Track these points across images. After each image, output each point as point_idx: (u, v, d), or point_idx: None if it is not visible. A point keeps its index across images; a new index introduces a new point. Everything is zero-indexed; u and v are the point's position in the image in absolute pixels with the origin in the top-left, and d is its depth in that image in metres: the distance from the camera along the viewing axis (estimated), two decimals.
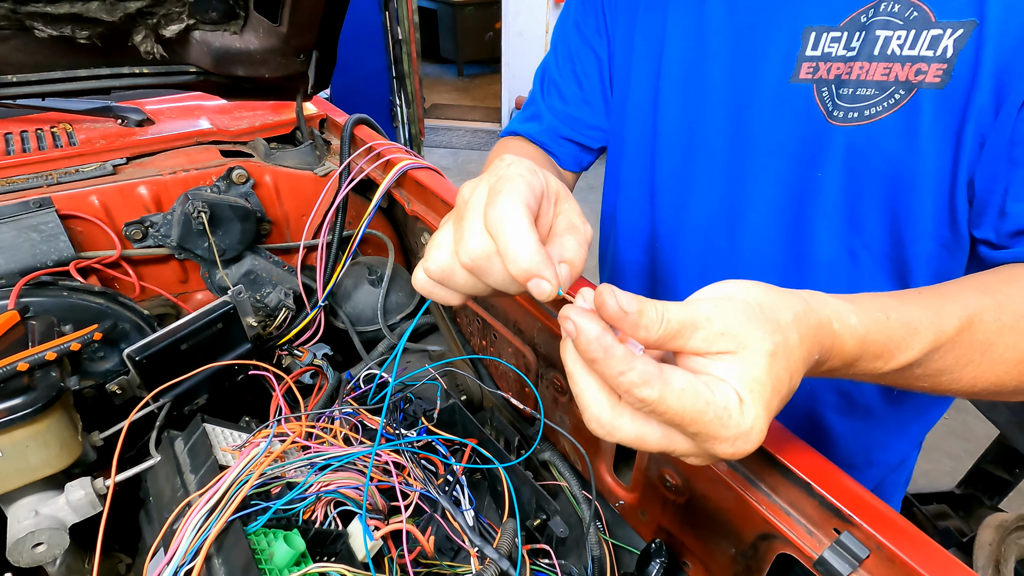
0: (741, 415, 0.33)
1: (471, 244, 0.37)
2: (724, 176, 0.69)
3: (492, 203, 0.36)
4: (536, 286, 0.35)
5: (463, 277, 0.39)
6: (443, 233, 0.40)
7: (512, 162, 0.40)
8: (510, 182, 0.37)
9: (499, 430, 0.79)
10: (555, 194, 0.41)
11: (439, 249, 0.40)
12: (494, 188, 0.37)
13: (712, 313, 0.35)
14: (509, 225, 0.35)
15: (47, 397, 0.55)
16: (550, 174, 0.42)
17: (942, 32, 0.51)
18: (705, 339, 0.34)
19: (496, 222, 0.36)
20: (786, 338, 0.35)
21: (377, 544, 0.54)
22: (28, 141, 0.95)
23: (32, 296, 0.72)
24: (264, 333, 0.98)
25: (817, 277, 0.66)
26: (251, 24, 0.85)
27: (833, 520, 0.47)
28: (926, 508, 1.62)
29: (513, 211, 0.35)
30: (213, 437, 0.57)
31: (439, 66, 7.12)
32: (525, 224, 0.35)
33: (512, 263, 0.35)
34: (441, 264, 0.39)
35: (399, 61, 3.44)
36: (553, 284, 0.35)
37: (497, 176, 0.39)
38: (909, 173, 0.56)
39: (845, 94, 0.57)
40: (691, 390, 0.33)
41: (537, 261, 0.35)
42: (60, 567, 0.66)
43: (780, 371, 0.35)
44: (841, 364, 0.41)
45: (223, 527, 0.45)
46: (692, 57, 0.67)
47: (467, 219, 0.38)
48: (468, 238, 0.37)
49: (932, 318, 0.44)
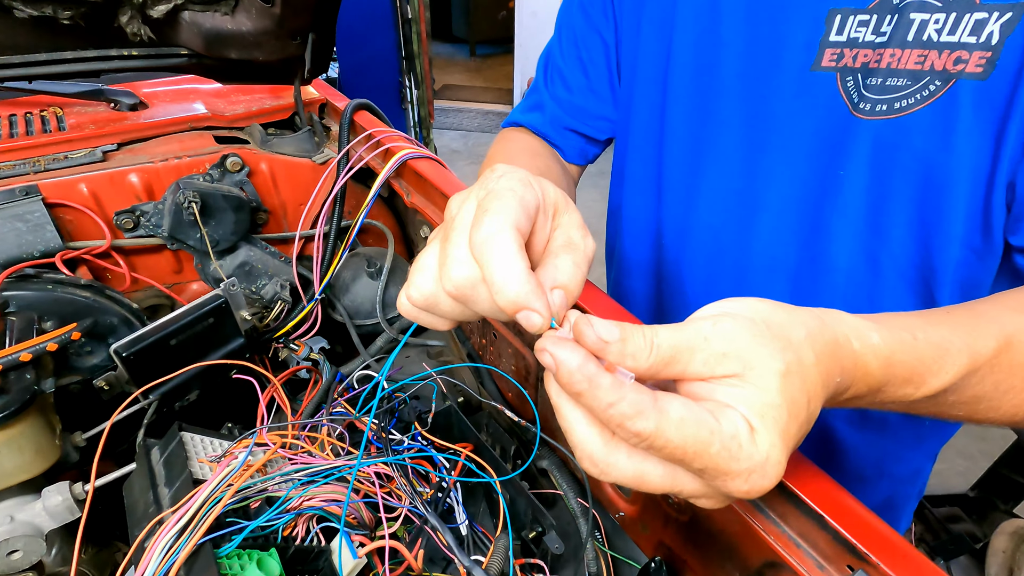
0: (753, 445, 0.30)
1: (455, 271, 0.33)
2: (737, 171, 0.64)
3: (478, 225, 0.32)
4: (526, 319, 0.31)
5: (448, 305, 0.35)
6: (428, 255, 0.36)
7: (503, 173, 0.36)
8: (499, 199, 0.33)
9: (495, 437, 0.77)
10: (553, 205, 0.37)
11: (422, 274, 0.36)
12: (481, 206, 0.33)
13: (711, 332, 0.31)
14: (495, 251, 0.31)
15: (19, 401, 0.53)
16: (548, 183, 0.38)
17: (987, 16, 0.46)
18: (706, 362, 0.31)
19: (481, 246, 0.32)
20: (799, 356, 0.32)
21: (361, 562, 0.52)
22: (16, 125, 0.92)
23: (14, 290, 0.70)
24: (260, 326, 0.95)
25: (834, 284, 0.62)
26: (243, 4, 0.81)
27: (847, 556, 0.44)
28: (938, 511, 1.59)
29: (500, 235, 0.31)
30: (191, 447, 0.54)
31: (451, 46, 7.00)
32: (513, 249, 0.31)
33: (499, 294, 0.31)
34: (424, 291, 0.36)
35: (408, 41, 3.37)
36: (544, 316, 0.31)
37: (486, 191, 0.34)
38: (942, 173, 0.51)
39: (873, 84, 0.52)
40: (692, 419, 0.29)
41: (526, 292, 0.31)
42: (56, 558, 0.64)
43: (795, 393, 0.31)
44: (867, 390, 0.37)
45: (193, 549, 0.42)
46: (704, 41, 0.62)
47: (452, 242, 0.34)
48: (452, 264, 0.33)
49: (965, 339, 0.40)
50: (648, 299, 0.80)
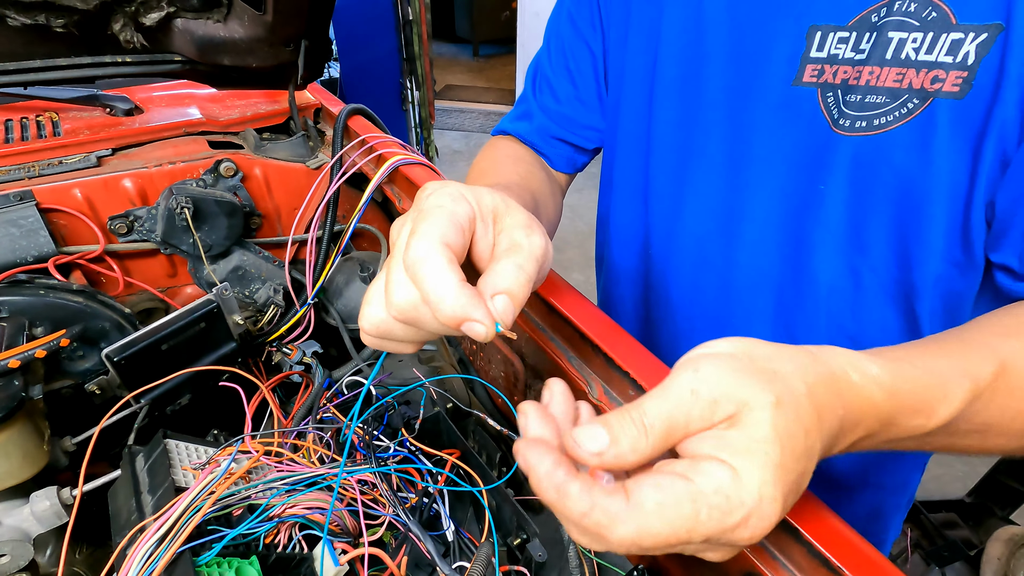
0: (741, 490, 0.28)
1: (395, 296, 0.34)
2: (721, 183, 0.64)
3: (408, 247, 0.33)
4: (470, 329, 0.32)
5: (401, 329, 0.36)
6: (376, 285, 0.37)
7: (432, 191, 0.36)
8: (427, 218, 0.34)
9: (482, 444, 0.77)
10: (491, 211, 0.37)
11: (371, 305, 0.36)
12: (413, 227, 0.34)
13: (695, 383, 0.30)
14: (427, 269, 0.32)
15: (7, 408, 0.53)
16: (484, 191, 0.38)
17: (963, 36, 0.46)
18: (702, 416, 0.29)
19: (413, 267, 0.32)
20: (789, 387, 0.31)
21: (343, 569, 0.52)
22: (12, 131, 0.93)
23: (7, 295, 0.70)
24: (253, 329, 0.96)
25: (816, 295, 0.62)
26: (235, 12, 0.81)
27: (822, 570, 0.44)
28: (934, 516, 1.58)
29: (429, 252, 0.32)
30: (175, 454, 0.55)
31: (454, 46, 7.01)
32: (442, 264, 0.32)
33: (437, 310, 0.31)
34: (375, 321, 0.36)
35: (409, 43, 3.38)
36: (487, 325, 0.31)
37: (417, 213, 0.35)
38: (921, 189, 0.52)
39: (852, 101, 0.52)
40: (670, 500, 0.28)
41: (462, 304, 0.31)
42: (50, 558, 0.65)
43: (790, 425, 0.29)
44: (879, 425, 0.35)
45: (172, 558, 0.42)
46: (689, 54, 0.63)
47: (391, 267, 0.35)
48: (393, 289, 0.34)
49: (962, 365, 0.39)
50: (636, 306, 0.81)
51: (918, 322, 0.59)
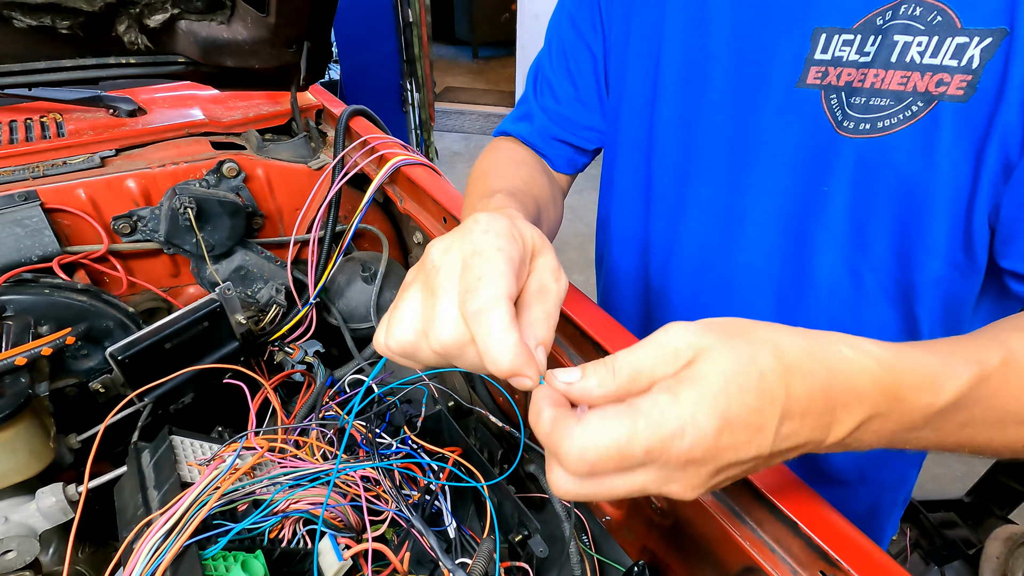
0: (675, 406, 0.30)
1: (443, 332, 0.34)
2: (722, 184, 0.65)
3: (472, 292, 0.33)
4: (519, 383, 0.33)
5: (428, 356, 0.36)
6: (409, 305, 0.37)
7: (487, 228, 0.36)
8: (490, 262, 0.34)
9: (483, 441, 0.77)
10: (531, 249, 0.38)
11: (401, 324, 0.36)
12: (471, 267, 0.34)
13: (663, 338, 0.33)
14: (491, 323, 0.32)
15: (14, 405, 0.54)
16: (527, 226, 0.39)
17: (968, 40, 0.46)
18: (666, 363, 0.32)
19: (476, 316, 0.33)
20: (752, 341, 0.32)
21: (346, 564, 0.53)
22: (16, 131, 0.93)
23: (11, 294, 0.71)
24: (255, 329, 0.97)
25: (817, 296, 0.62)
26: (238, 14, 0.82)
27: (819, 562, 0.44)
28: (933, 516, 1.58)
29: (496, 306, 0.33)
30: (180, 451, 0.55)
31: (454, 48, 7.02)
32: (508, 322, 0.33)
33: (493, 363, 0.33)
34: (403, 342, 0.36)
35: (409, 44, 3.39)
36: (535, 380, 0.33)
37: (471, 248, 0.35)
38: (923, 191, 0.52)
39: (857, 103, 0.53)
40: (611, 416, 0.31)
41: (520, 362, 0.33)
42: (53, 557, 0.65)
43: (740, 364, 0.31)
44: (884, 400, 0.34)
45: (178, 551, 0.43)
46: (692, 55, 0.63)
47: (440, 299, 0.35)
48: (440, 325, 0.34)
49: (966, 349, 0.38)
50: (636, 307, 0.81)
51: (917, 323, 0.60)
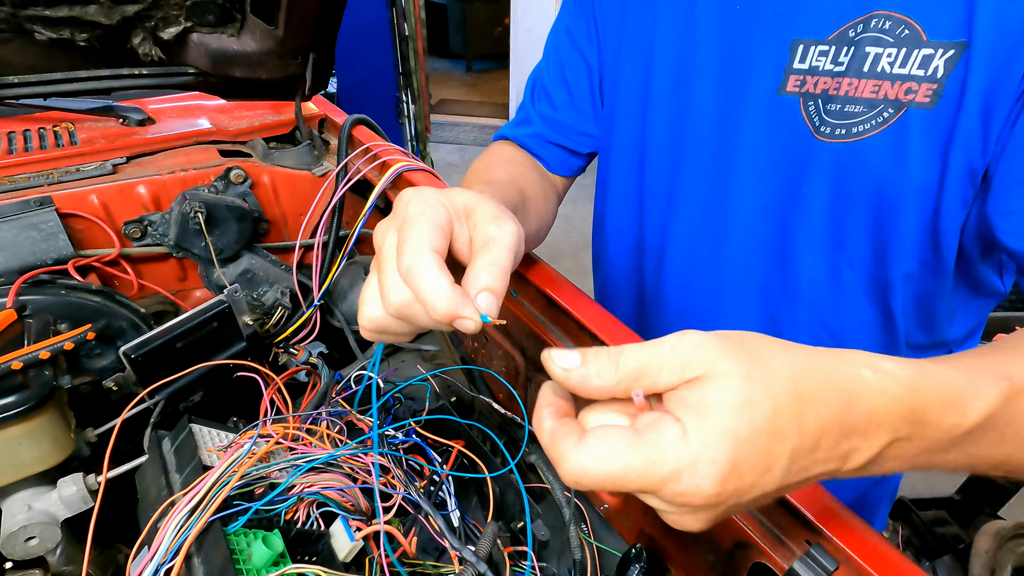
0: (681, 445, 0.29)
1: (391, 296, 0.38)
2: (710, 186, 0.69)
3: (400, 255, 0.37)
4: (461, 325, 0.36)
5: (397, 324, 0.40)
6: (370, 286, 0.41)
7: (411, 199, 0.40)
8: (414, 225, 0.38)
9: (486, 434, 0.80)
10: (464, 209, 0.42)
11: (368, 304, 0.41)
12: (400, 235, 0.38)
13: (677, 344, 0.31)
14: (419, 274, 0.36)
15: (39, 395, 0.57)
16: (456, 191, 0.43)
17: (933, 52, 0.50)
18: (672, 371, 0.30)
19: (407, 272, 0.37)
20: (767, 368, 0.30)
21: (358, 545, 0.55)
22: (30, 140, 0.96)
23: (30, 294, 0.73)
24: (260, 331, 0.99)
25: (800, 292, 0.66)
26: (248, 27, 0.86)
27: (804, 532, 0.47)
28: (924, 514, 1.61)
29: (420, 258, 0.37)
30: (199, 437, 0.58)
31: (448, 61, 7.11)
32: (434, 269, 0.36)
33: (432, 310, 0.36)
34: (373, 318, 0.41)
35: (405, 58, 3.45)
36: (476, 320, 0.36)
37: (400, 220, 0.39)
38: (895, 193, 0.56)
39: (833, 110, 0.57)
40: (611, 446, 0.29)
41: (454, 304, 0.36)
42: (60, 557, 0.67)
43: (753, 398, 0.29)
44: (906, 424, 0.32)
45: (203, 527, 0.46)
46: (681, 65, 0.67)
47: (383, 270, 0.39)
48: (387, 291, 0.39)
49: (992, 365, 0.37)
50: (631, 303, 0.85)
51: (894, 318, 0.63)
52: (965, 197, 0.53)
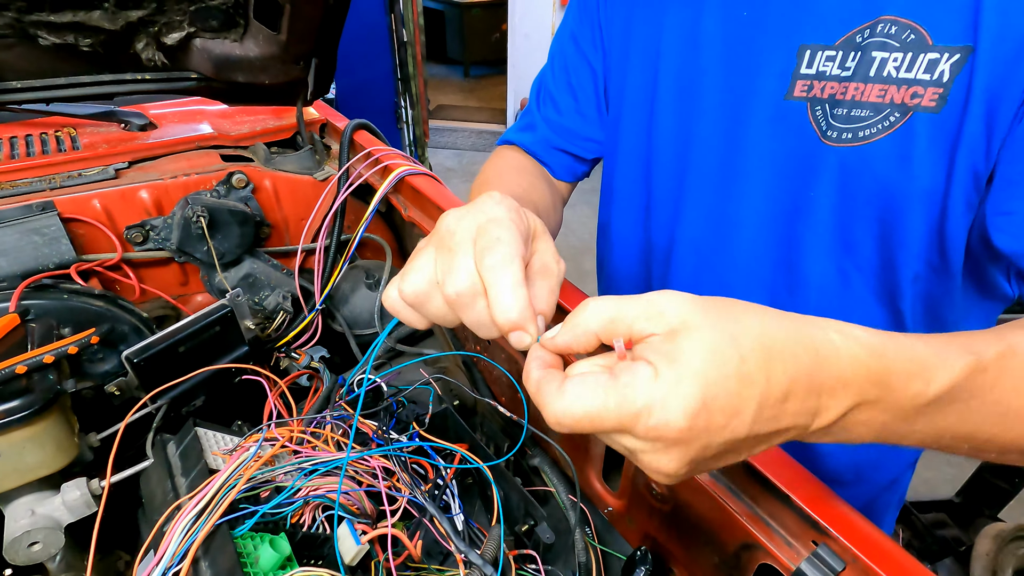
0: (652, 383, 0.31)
1: (459, 280, 0.38)
2: (716, 191, 0.69)
3: (489, 248, 0.37)
4: (518, 337, 0.37)
5: (439, 306, 0.40)
6: (423, 259, 0.41)
7: (499, 201, 0.41)
8: (504, 228, 0.38)
9: (490, 436, 0.80)
10: (533, 232, 0.42)
11: (417, 273, 0.40)
12: (486, 230, 0.38)
13: (654, 297, 0.34)
14: (504, 276, 0.36)
15: (44, 399, 0.56)
16: (530, 212, 0.43)
17: (939, 56, 0.50)
18: (648, 318, 0.33)
19: (491, 270, 0.37)
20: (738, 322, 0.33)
21: (364, 548, 0.55)
22: (32, 145, 0.96)
23: (33, 299, 0.73)
24: (262, 335, 0.99)
25: (807, 296, 0.66)
26: (251, 32, 0.86)
27: (811, 532, 0.47)
28: (925, 516, 1.62)
29: (510, 262, 0.37)
30: (205, 441, 0.58)
31: (445, 67, 7.13)
32: (519, 278, 0.37)
33: (500, 314, 0.36)
34: (417, 289, 0.40)
35: (404, 63, 3.46)
36: (533, 337, 0.37)
37: (486, 216, 0.39)
38: (902, 196, 0.56)
39: (839, 114, 0.57)
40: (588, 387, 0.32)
41: (525, 316, 0.36)
42: (60, 564, 0.67)
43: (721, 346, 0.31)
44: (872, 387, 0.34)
45: (210, 530, 0.46)
46: (687, 71, 0.68)
47: (457, 253, 0.39)
48: (457, 273, 0.38)
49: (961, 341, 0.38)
50: None
51: (903, 320, 0.63)
52: (970, 201, 0.53)
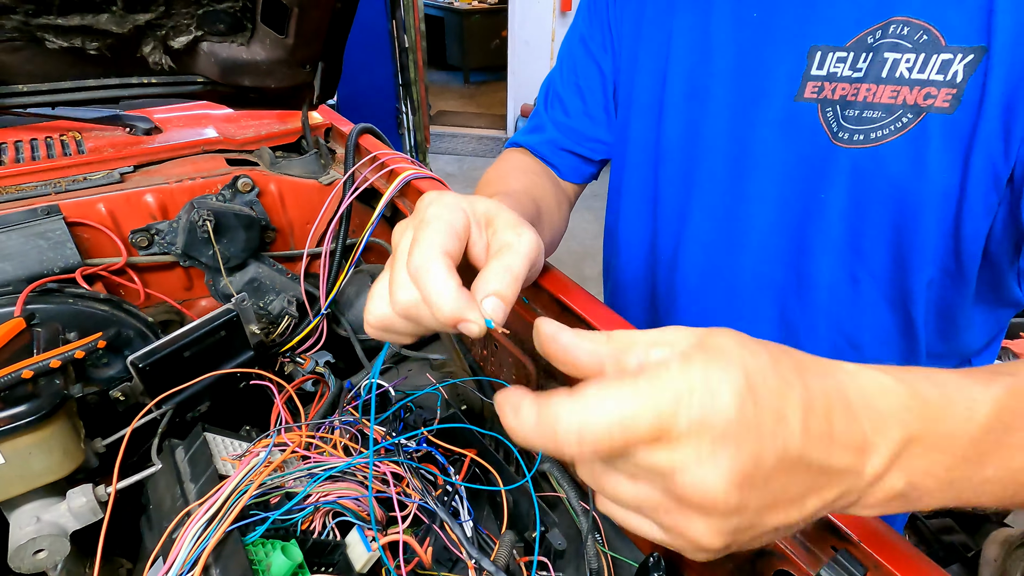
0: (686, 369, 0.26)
1: (399, 295, 0.38)
2: (725, 194, 0.68)
3: (411, 254, 0.38)
4: (465, 328, 0.36)
5: (401, 324, 0.40)
6: (380, 283, 0.41)
7: (431, 201, 0.41)
8: (428, 227, 0.38)
9: (499, 441, 0.79)
10: (484, 216, 0.42)
11: (375, 301, 0.41)
12: (415, 235, 0.39)
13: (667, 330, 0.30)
14: (428, 275, 0.36)
15: (51, 405, 0.56)
16: (478, 199, 0.43)
17: (952, 57, 0.50)
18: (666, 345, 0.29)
19: (416, 272, 0.37)
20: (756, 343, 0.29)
21: (374, 555, 0.54)
22: (37, 149, 0.96)
23: (38, 303, 0.73)
24: (267, 340, 0.98)
25: (817, 300, 0.66)
26: (258, 36, 0.86)
27: (830, 538, 0.47)
28: (931, 522, 1.61)
29: (430, 260, 0.37)
30: (213, 446, 0.57)
31: (445, 73, 7.16)
32: (442, 271, 0.36)
33: (436, 312, 0.36)
34: (379, 315, 0.41)
35: (405, 69, 3.47)
36: (480, 324, 0.36)
37: (419, 220, 0.40)
38: (915, 198, 0.55)
39: (851, 116, 0.57)
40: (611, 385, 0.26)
41: (459, 307, 0.36)
42: (61, 572, 0.66)
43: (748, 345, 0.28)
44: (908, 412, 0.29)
45: (221, 537, 0.45)
46: (696, 73, 0.67)
47: (395, 269, 0.39)
48: (396, 289, 0.39)
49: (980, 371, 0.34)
50: (643, 312, 0.84)
51: (915, 327, 0.62)
52: (988, 202, 0.53)
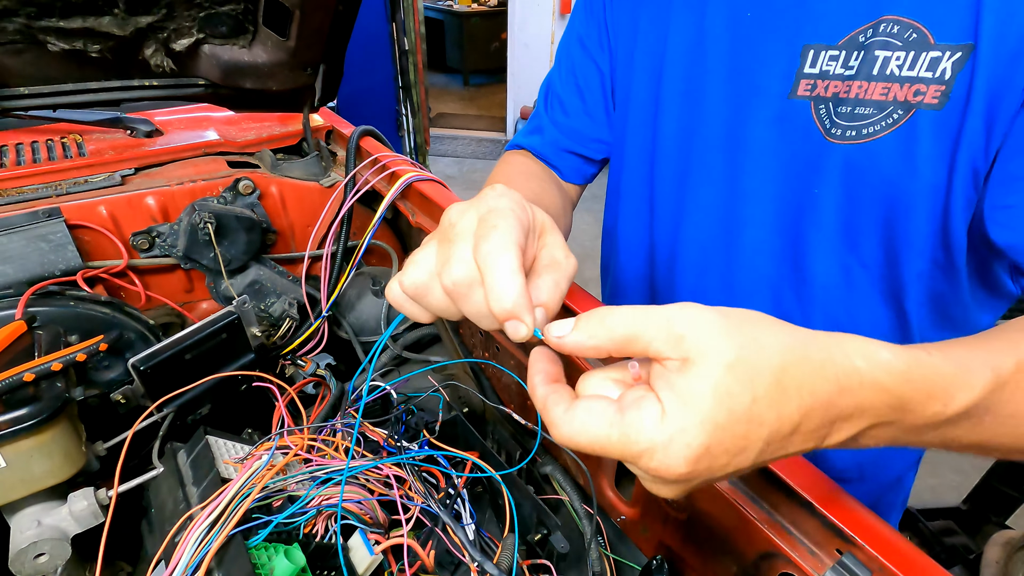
0: (658, 426, 0.31)
1: (456, 269, 0.37)
2: (721, 191, 0.69)
3: (485, 236, 0.37)
4: (513, 327, 0.35)
5: (439, 298, 0.39)
6: (425, 252, 0.40)
7: (502, 193, 0.40)
8: (504, 217, 0.37)
9: (501, 443, 0.79)
10: (540, 227, 0.41)
11: (417, 266, 0.40)
12: (486, 219, 0.38)
13: (675, 315, 0.32)
14: (500, 263, 0.35)
15: (52, 408, 0.56)
16: (537, 208, 0.42)
17: (941, 54, 0.51)
18: (666, 341, 0.32)
19: (487, 256, 0.36)
20: (758, 355, 0.32)
21: (377, 559, 0.54)
22: (39, 151, 0.96)
23: (40, 306, 0.73)
24: (268, 343, 0.98)
25: (813, 294, 0.66)
26: (260, 38, 0.86)
27: (835, 541, 0.47)
28: (932, 524, 1.61)
29: (506, 249, 0.36)
30: (215, 449, 0.57)
31: (445, 76, 7.17)
32: (515, 265, 0.36)
33: (496, 301, 0.35)
34: (416, 281, 0.39)
35: (405, 71, 3.47)
36: (529, 328, 0.35)
37: (487, 207, 0.39)
38: (905, 192, 0.56)
39: (843, 112, 0.57)
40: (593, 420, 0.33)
41: (520, 305, 0.35)
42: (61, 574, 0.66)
43: (734, 386, 0.31)
44: (889, 410, 0.34)
45: (224, 541, 0.45)
46: (692, 72, 0.68)
47: (455, 244, 0.38)
48: (454, 263, 0.37)
49: (982, 356, 0.39)
50: None
51: (908, 318, 0.63)
52: (969, 198, 0.54)
